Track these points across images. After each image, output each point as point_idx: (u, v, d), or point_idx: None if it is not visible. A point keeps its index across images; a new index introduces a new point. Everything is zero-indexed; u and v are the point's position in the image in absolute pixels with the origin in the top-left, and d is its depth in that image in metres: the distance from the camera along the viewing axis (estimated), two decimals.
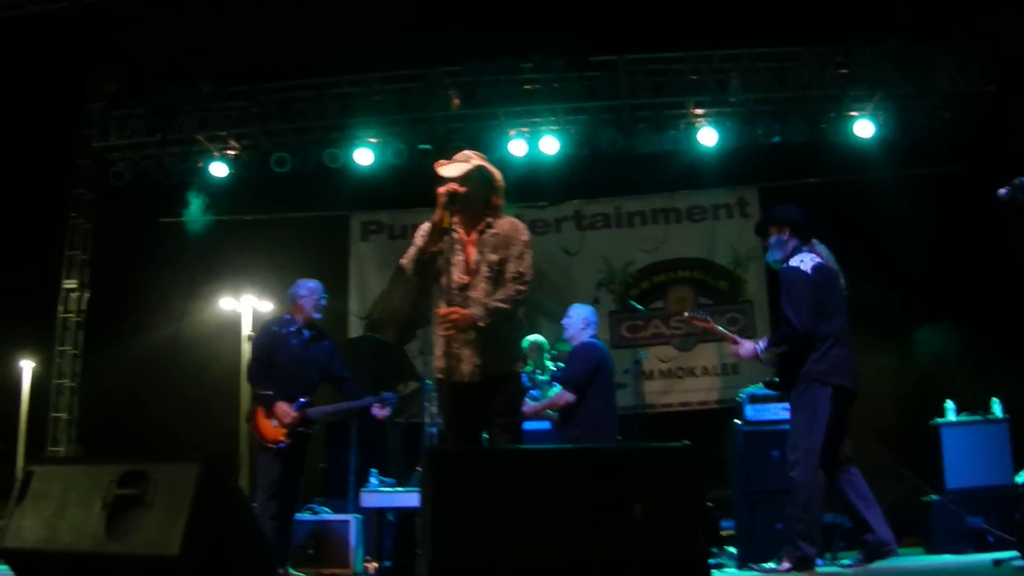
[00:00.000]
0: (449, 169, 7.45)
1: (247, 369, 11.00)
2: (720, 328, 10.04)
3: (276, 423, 10.33)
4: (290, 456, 10.45)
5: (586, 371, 11.03)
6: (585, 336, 11.38)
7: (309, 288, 10.90)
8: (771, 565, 8.76)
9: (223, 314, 17.54)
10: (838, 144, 16.89)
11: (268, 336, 10.83)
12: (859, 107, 16.81)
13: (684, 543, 5.20)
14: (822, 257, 8.95)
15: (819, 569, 8.58)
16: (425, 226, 7.41)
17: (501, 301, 7.25)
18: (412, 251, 7.46)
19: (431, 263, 7.37)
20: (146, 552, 5.20)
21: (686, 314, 10.57)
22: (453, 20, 15.98)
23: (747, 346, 9.27)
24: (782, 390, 9.13)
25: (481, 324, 7.17)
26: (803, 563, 8.31)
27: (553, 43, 16.70)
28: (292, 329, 10.77)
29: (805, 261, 8.81)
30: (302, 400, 10.54)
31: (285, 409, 10.34)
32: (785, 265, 8.95)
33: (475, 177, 7.47)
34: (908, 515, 12.61)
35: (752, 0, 15.16)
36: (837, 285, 9.00)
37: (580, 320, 11.50)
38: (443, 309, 7.16)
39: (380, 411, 11.04)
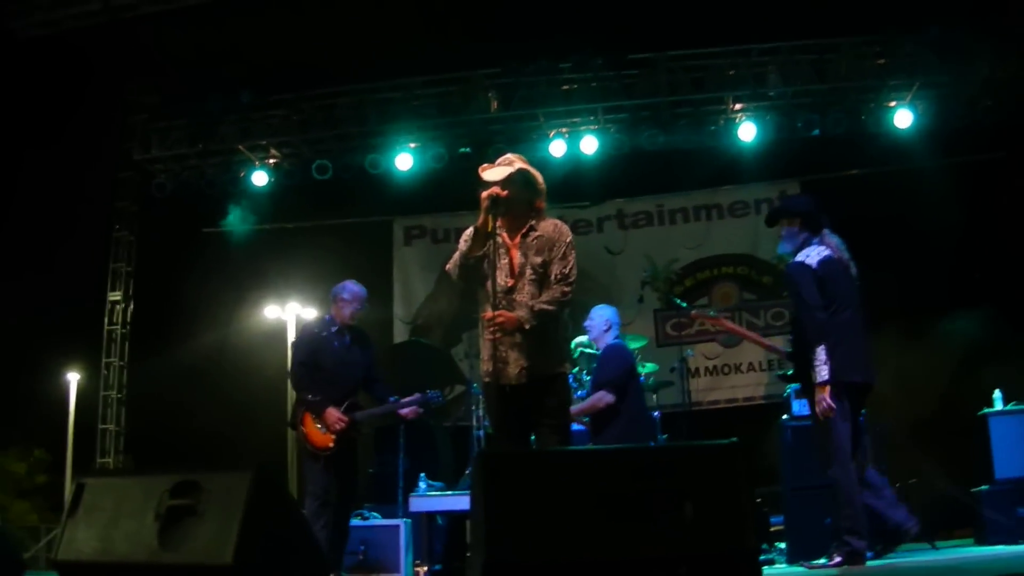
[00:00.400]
0: (492, 173, 7.45)
1: (292, 374, 10.70)
2: (728, 323, 10.06)
3: (324, 429, 10.25)
4: (339, 462, 10.29)
5: (624, 371, 10.98)
6: (609, 338, 11.30)
7: (353, 293, 10.72)
8: (822, 561, 8.72)
9: (268, 322, 17.62)
10: (878, 135, 16.81)
11: (312, 339, 10.60)
12: (898, 97, 16.73)
13: (735, 540, 5.18)
14: (832, 248, 8.87)
15: (869, 563, 8.52)
16: (469, 231, 7.42)
17: (547, 303, 7.25)
18: (456, 256, 7.47)
19: (476, 267, 7.37)
20: (199, 561, 5.21)
21: (693, 312, 10.62)
22: (491, 22, 16.00)
23: (822, 381, 9.03)
24: (799, 381, 9.11)
25: (527, 327, 7.17)
26: (853, 557, 8.26)
27: (591, 42, 16.69)
28: (334, 330, 10.59)
29: (811, 255, 8.74)
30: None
31: (336, 415, 10.14)
32: (792, 261, 8.91)
33: (518, 180, 7.46)
34: (959, 506, 12.58)
35: None
36: (847, 277, 8.89)
37: (603, 322, 11.42)
38: (489, 313, 7.15)
39: (409, 412, 10.95)
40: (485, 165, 7.53)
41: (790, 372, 9.26)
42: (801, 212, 9.14)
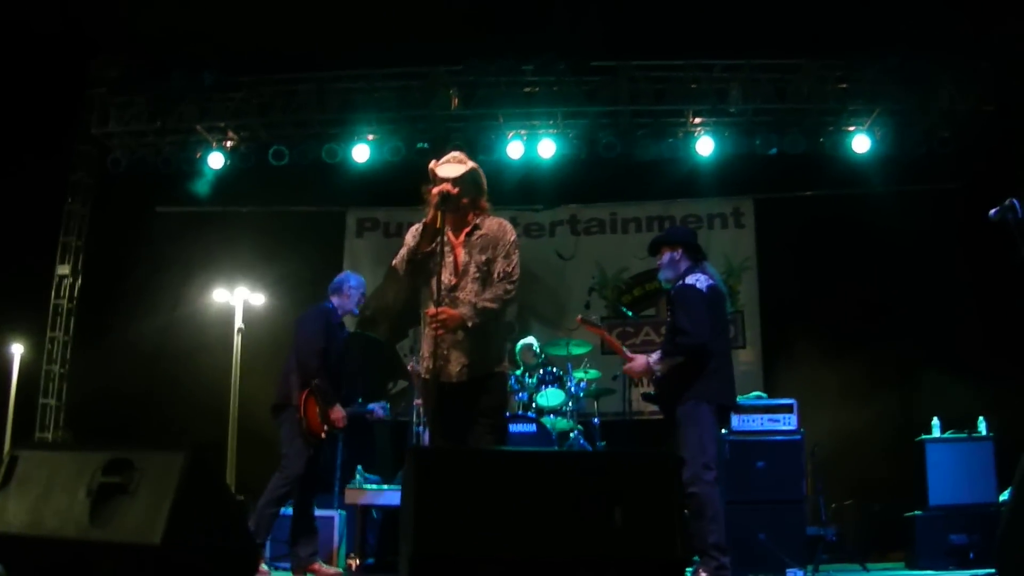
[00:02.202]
0: (447, 169, 7.50)
1: (308, 356, 10.47)
2: (612, 337, 10.15)
3: (323, 419, 10.22)
4: (318, 455, 10.47)
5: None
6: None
7: (360, 282, 10.87)
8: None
9: (216, 305, 17.50)
10: (835, 158, 16.92)
11: (328, 327, 10.61)
12: (858, 122, 16.86)
13: (663, 549, 5.24)
14: (712, 279, 9.09)
15: None
16: (416, 227, 7.48)
17: (489, 300, 7.31)
18: (404, 252, 7.51)
19: (423, 264, 7.42)
20: (128, 540, 5.22)
21: (579, 318, 10.63)
22: (456, 19, 16.00)
23: (639, 360, 9.29)
24: (658, 403, 9.23)
25: (470, 324, 7.22)
26: (720, 571, 8.38)
27: (555, 46, 16.71)
28: (338, 321, 10.73)
29: (700, 280, 9.01)
30: (372, 406, 11.30)
31: (342, 413, 10.33)
32: (680, 283, 9.09)
33: (468, 179, 7.52)
34: (891, 529, 12.71)
35: (754, 11, 15.17)
36: (723, 305, 9.24)
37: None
38: (432, 309, 7.20)
39: (379, 414, 11.08)
40: (435, 161, 7.58)
41: (652, 393, 9.40)
42: (683, 241, 9.44)
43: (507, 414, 9.06)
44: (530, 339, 14.13)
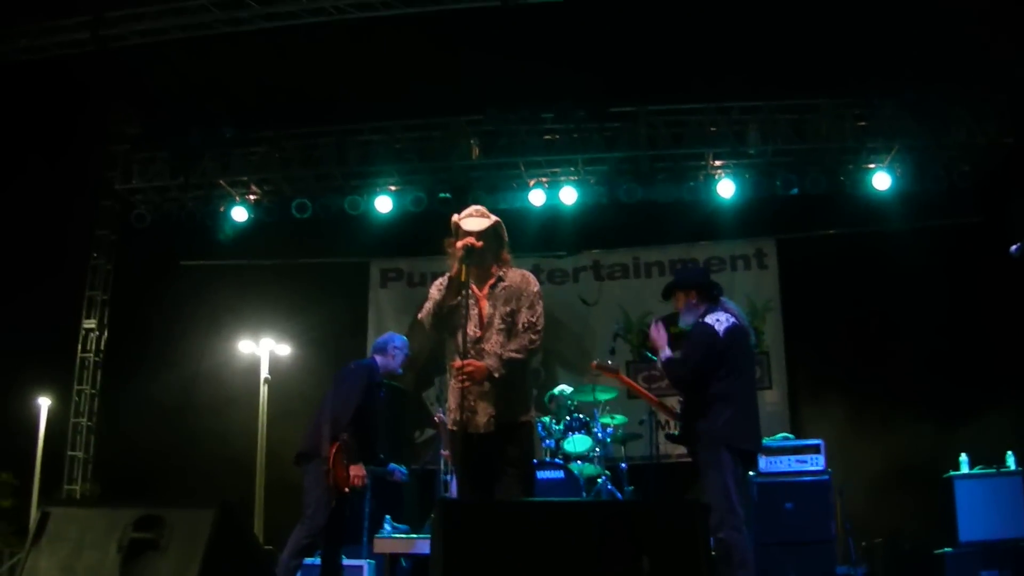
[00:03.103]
0: (471, 223, 7.54)
1: (342, 411, 10.30)
2: (628, 378, 10.10)
3: (347, 476, 10.21)
4: (343, 507, 10.38)
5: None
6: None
7: (403, 342, 10.84)
8: None
9: (242, 357, 17.58)
10: (856, 196, 16.91)
11: (369, 385, 10.51)
12: (877, 159, 16.85)
13: None
14: (734, 315, 8.99)
15: None
16: (441, 280, 7.51)
17: (515, 351, 7.33)
18: (429, 305, 7.54)
19: (448, 317, 7.45)
20: None
21: (593, 363, 10.61)
22: (475, 69, 16.07)
23: (664, 353, 9.20)
24: (683, 443, 9.17)
25: (496, 375, 7.24)
26: None
27: (573, 93, 16.76)
28: (378, 380, 10.65)
29: (720, 321, 8.84)
30: (394, 467, 11.13)
31: (362, 473, 10.21)
32: (699, 321, 8.99)
33: (491, 232, 7.56)
34: (922, 567, 12.63)
35: (770, 53, 15.21)
36: (747, 343, 9.06)
37: None
38: (458, 362, 7.22)
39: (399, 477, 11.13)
40: (457, 215, 7.62)
41: (677, 434, 9.34)
42: (695, 284, 9.31)
43: (534, 461, 9.05)
44: (562, 387, 14.12)
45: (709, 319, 8.88)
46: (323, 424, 10.35)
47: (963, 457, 12.57)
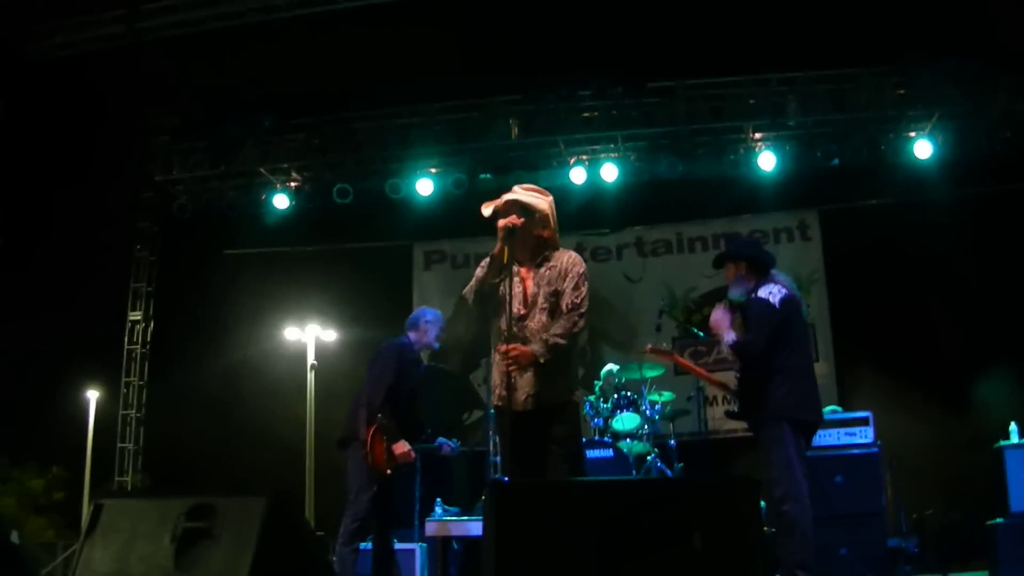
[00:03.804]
0: (488, 208, 7.55)
1: (375, 392, 10.18)
2: (683, 359, 10.02)
3: (388, 456, 10.16)
4: (389, 488, 10.25)
5: None
6: None
7: (437, 316, 10.66)
8: None
9: (288, 344, 17.65)
10: (897, 165, 16.79)
11: (404, 363, 10.33)
12: (918, 127, 16.71)
13: (744, 575, 5.21)
14: (784, 286, 8.89)
15: None
16: (486, 259, 7.49)
17: (559, 335, 7.30)
18: (473, 282, 7.54)
19: (491, 294, 7.44)
20: None
21: (647, 347, 10.56)
22: (511, 49, 16.05)
23: (729, 336, 9.12)
24: (743, 419, 9.11)
25: (542, 360, 7.23)
26: None
27: (610, 70, 16.72)
28: (414, 356, 10.50)
29: (774, 293, 8.68)
30: (442, 440, 10.88)
31: (406, 448, 10.01)
32: (753, 296, 8.91)
33: (515, 212, 7.54)
34: (973, 538, 12.55)
35: (808, 23, 15.14)
36: (801, 314, 8.95)
37: None
38: (503, 346, 7.22)
39: (447, 450, 11.02)
40: (508, 195, 7.61)
41: (736, 410, 9.27)
42: (746, 256, 9.13)
43: (583, 440, 9.01)
44: (610, 366, 14.08)
45: (762, 292, 8.77)
46: (359, 407, 10.32)
47: (1013, 426, 12.43)
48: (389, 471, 9.99)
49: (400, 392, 10.14)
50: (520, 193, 7.63)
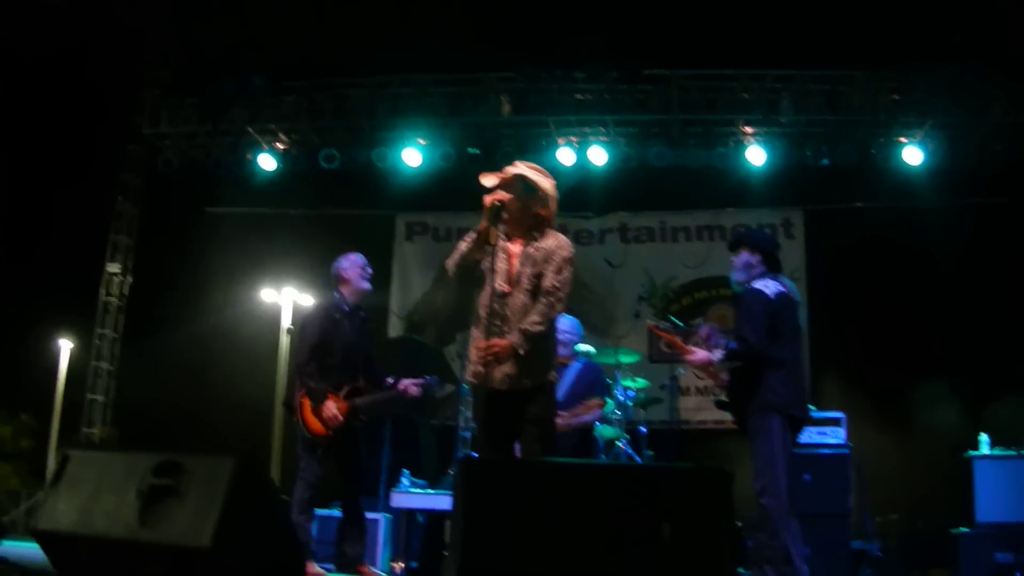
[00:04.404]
0: (489, 178, 7.52)
1: (298, 356, 10.15)
2: (679, 339, 10.03)
3: (322, 420, 9.86)
4: (340, 450, 10.00)
5: None
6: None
7: (351, 260, 10.42)
8: None
9: (264, 306, 17.62)
10: (886, 170, 16.78)
11: (327, 321, 10.12)
12: (909, 134, 16.70)
13: (712, 568, 5.22)
14: (786, 287, 8.91)
15: None
16: (472, 233, 7.47)
17: (536, 323, 7.33)
18: (456, 255, 7.51)
19: (472, 269, 7.42)
20: (177, 542, 5.23)
21: (648, 322, 10.59)
22: (506, 26, 16.02)
23: (700, 354, 9.12)
24: (729, 411, 9.12)
25: (521, 352, 7.23)
26: None
27: (606, 54, 16.71)
28: (346, 310, 10.21)
29: (769, 286, 8.75)
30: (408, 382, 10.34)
31: (332, 411, 9.78)
32: (748, 286, 8.93)
33: (518, 186, 7.51)
34: (936, 546, 12.60)
35: (807, 22, 15.13)
36: (795, 312, 8.97)
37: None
38: (482, 343, 7.24)
39: (413, 389, 10.63)
40: (513, 168, 7.60)
41: (725, 399, 9.29)
42: (764, 248, 9.16)
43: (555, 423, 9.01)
44: (586, 347, 14.06)
45: (758, 284, 8.81)
46: (294, 376, 10.28)
47: (983, 437, 12.49)
48: (327, 432, 9.85)
49: (333, 351, 10.01)
50: (524, 169, 7.62)
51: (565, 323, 11.47)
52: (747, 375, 8.64)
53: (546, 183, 7.68)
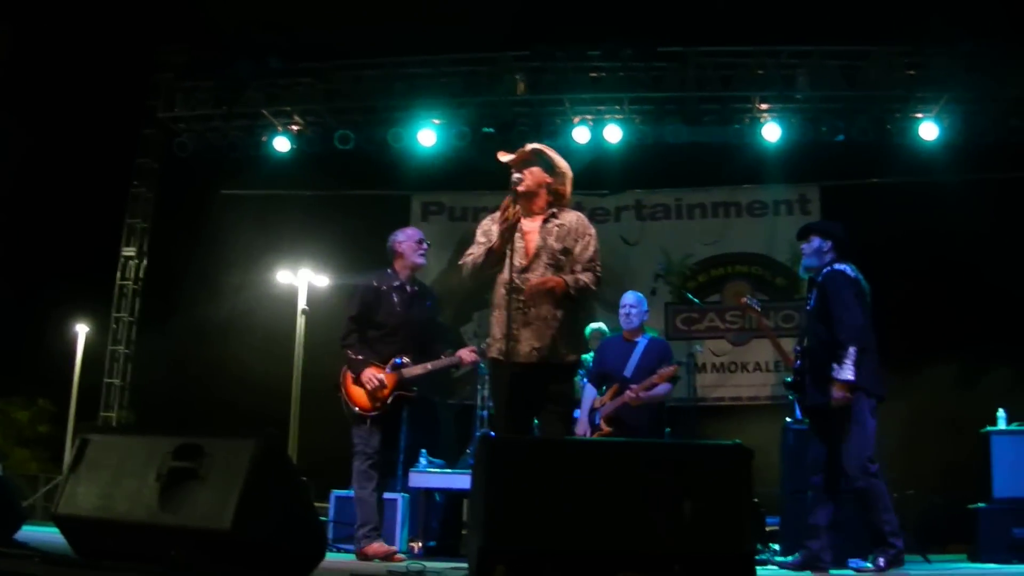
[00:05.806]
0: (507, 156, 7.52)
1: (343, 327, 10.00)
2: (765, 321, 10.00)
3: (366, 391, 9.70)
4: (386, 423, 9.84)
5: None
6: None
7: (407, 233, 10.30)
8: (868, 564, 8.73)
9: (280, 287, 17.61)
10: (902, 145, 16.74)
11: (368, 292, 10.01)
12: (926, 109, 16.65)
13: (732, 543, 5.21)
14: (856, 272, 8.91)
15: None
16: (487, 223, 7.48)
17: (586, 281, 7.34)
18: (469, 261, 7.53)
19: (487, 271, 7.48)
20: (198, 525, 5.21)
21: (744, 299, 10.63)
22: (523, 4, 15.98)
23: (846, 380, 8.93)
24: (798, 392, 9.12)
25: (572, 292, 7.23)
26: (897, 559, 8.38)
27: (621, 32, 16.66)
28: (396, 284, 10.08)
29: (848, 269, 8.78)
30: (397, 361, 9.82)
31: (371, 375, 9.64)
32: (831, 268, 8.89)
33: (537, 161, 7.52)
34: (954, 521, 12.57)
35: None
36: (866, 297, 8.97)
37: None
38: (536, 279, 7.28)
39: (470, 356, 10.47)
40: (532, 145, 7.61)
41: (790, 380, 9.28)
42: (837, 236, 9.17)
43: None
44: (599, 324, 14.03)
45: (839, 266, 8.82)
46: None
47: (1001, 413, 12.44)
48: (376, 405, 9.75)
49: (375, 323, 9.93)
50: (542, 147, 7.64)
51: (631, 298, 11.51)
52: (829, 355, 8.62)
53: (563, 162, 7.68)
